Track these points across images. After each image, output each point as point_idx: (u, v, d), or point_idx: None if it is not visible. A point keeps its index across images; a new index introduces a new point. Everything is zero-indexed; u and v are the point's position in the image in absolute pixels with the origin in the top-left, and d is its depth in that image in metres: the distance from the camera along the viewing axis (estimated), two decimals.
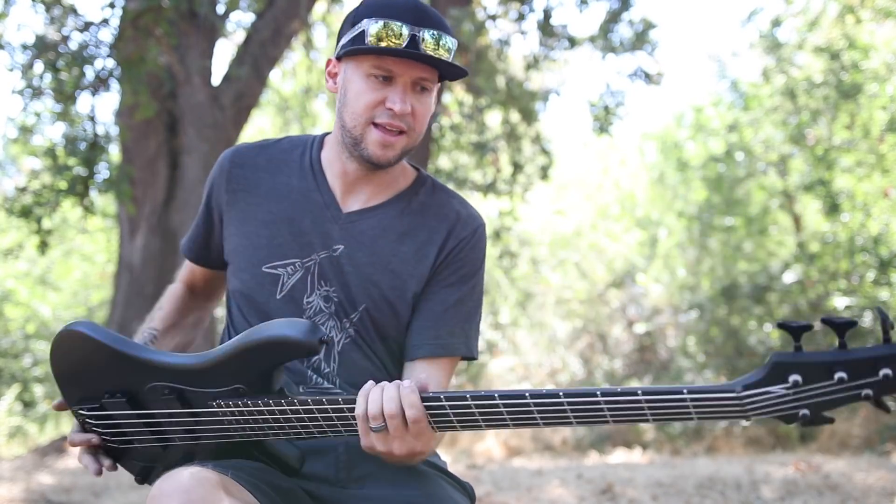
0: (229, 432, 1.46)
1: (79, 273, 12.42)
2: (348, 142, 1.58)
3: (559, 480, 5.21)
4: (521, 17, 7.76)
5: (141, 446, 1.55)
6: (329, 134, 1.72)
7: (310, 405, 1.39)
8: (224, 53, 25.36)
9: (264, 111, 11.61)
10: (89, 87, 6.62)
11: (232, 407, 1.43)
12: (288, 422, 1.41)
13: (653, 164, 11.85)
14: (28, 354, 10.58)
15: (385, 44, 1.49)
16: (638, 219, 10.90)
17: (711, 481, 4.94)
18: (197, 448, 1.51)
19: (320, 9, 8.63)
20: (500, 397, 1.29)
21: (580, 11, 7.57)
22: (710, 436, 8.02)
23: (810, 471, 5.20)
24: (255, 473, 1.42)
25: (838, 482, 4.78)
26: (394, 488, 1.51)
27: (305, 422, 1.41)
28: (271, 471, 1.48)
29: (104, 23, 6.51)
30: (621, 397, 1.23)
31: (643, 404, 1.22)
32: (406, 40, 1.49)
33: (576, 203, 12.02)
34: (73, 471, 6.01)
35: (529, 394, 1.28)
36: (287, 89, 10.89)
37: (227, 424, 1.45)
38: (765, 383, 1.16)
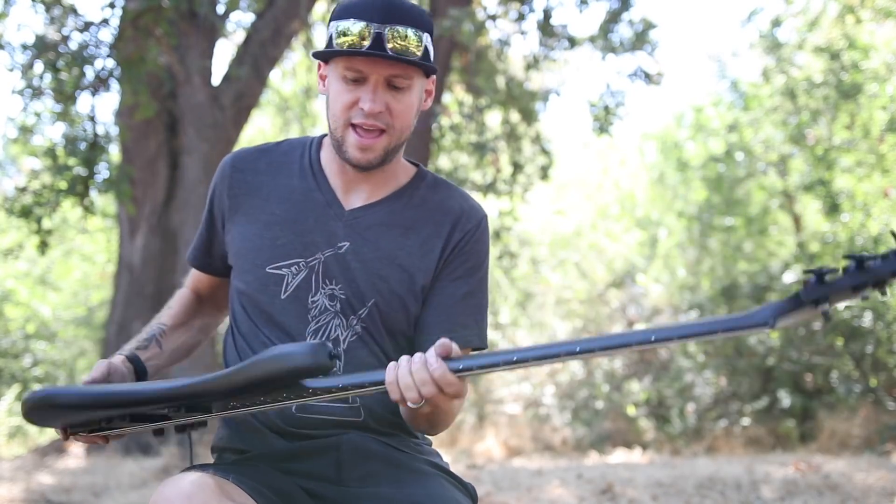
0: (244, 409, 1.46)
1: (79, 273, 12.42)
2: (334, 145, 1.61)
3: (559, 480, 5.21)
4: (521, 17, 7.76)
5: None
6: (327, 135, 1.73)
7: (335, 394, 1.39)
8: (224, 53, 25.30)
9: (264, 111, 11.61)
10: (89, 87, 6.63)
11: (248, 406, 1.43)
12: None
13: (653, 164, 11.84)
14: (28, 354, 10.59)
15: (349, 44, 1.50)
16: (638, 219, 10.89)
17: (711, 481, 4.94)
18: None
19: (320, 9, 8.63)
20: (520, 360, 1.30)
21: (580, 11, 7.57)
22: (710, 436, 8.02)
23: (810, 471, 5.20)
24: (256, 477, 1.43)
25: (838, 482, 4.78)
26: (396, 488, 1.51)
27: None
28: (272, 473, 1.48)
29: (104, 23, 6.52)
30: (647, 346, 1.23)
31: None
32: (371, 39, 1.48)
33: (576, 203, 12.01)
34: (73, 471, 6.01)
35: (543, 353, 1.29)
36: (287, 89, 10.90)
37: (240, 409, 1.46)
38: (796, 311, 1.19)
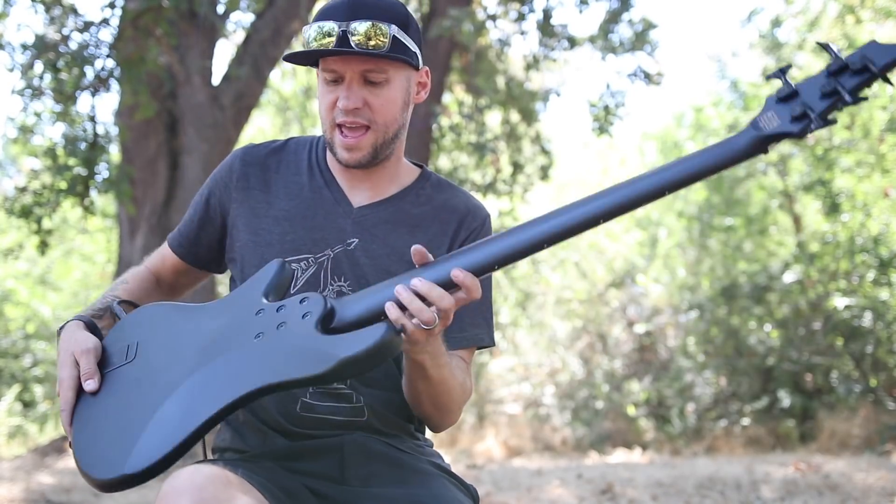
0: None
1: (79, 273, 12.42)
2: (328, 146, 1.62)
3: (559, 480, 5.21)
4: (521, 17, 7.75)
5: None
6: None
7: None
8: (224, 53, 25.39)
9: (264, 111, 11.61)
10: (89, 87, 6.62)
11: None
12: None
13: (653, 164, 11.84)
14: (28, 354, 10.57)
15: (316, 45, 1.51)
16: (638, 219, 10.89)
17: (711, 481, 4.94)
18: None
19: None
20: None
21: (580, 11, 7.57)
22: (710, 436, 8.02)
23: (810, 471, 5.20)
24: (263, 473, 1.43)
25: (838, 482, 4.78)
26: (399, 488, 1.51)
27: None
28: (278, 471, 1.47)
29: (104, 23, 6.51)
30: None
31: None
32: (337, 37, 1.49)
33: None
34: (72, 471, 6.00)
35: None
36: (287, 89, 10.90)
37: None
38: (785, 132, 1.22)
